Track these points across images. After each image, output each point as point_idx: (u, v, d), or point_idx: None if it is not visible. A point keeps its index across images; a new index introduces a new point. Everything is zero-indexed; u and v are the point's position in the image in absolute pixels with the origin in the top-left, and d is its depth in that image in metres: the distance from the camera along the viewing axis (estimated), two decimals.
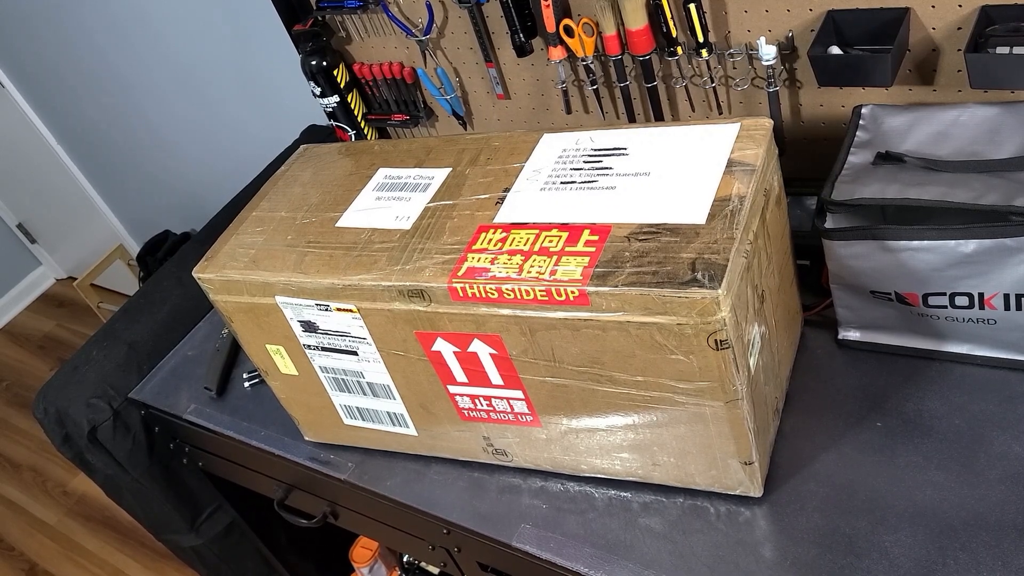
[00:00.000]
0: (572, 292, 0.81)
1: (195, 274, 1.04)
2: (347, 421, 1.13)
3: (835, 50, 1.08)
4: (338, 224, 1.01)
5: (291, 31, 1.56)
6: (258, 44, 1.89)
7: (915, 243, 0.91)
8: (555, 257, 0.85)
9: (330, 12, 1.51)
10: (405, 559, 1.76)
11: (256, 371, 1.27)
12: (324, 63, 1.54)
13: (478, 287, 0.86)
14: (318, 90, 1.57)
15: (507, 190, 0.96)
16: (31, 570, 2.49)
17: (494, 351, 0.91)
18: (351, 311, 0.96)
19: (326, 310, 0.98)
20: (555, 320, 0.84)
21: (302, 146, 1.21)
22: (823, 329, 1.09)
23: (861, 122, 1.04)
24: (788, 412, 1.01)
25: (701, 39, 1.17)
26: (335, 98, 1.58)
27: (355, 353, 1.01)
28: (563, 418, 0.95)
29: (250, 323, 1.05)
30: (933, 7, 1.02)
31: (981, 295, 0.92)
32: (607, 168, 0.94)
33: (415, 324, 0.93)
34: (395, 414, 1.07)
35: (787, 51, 1.15)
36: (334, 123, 1.62)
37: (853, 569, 0.85)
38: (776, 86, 1.17)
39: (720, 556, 0.90)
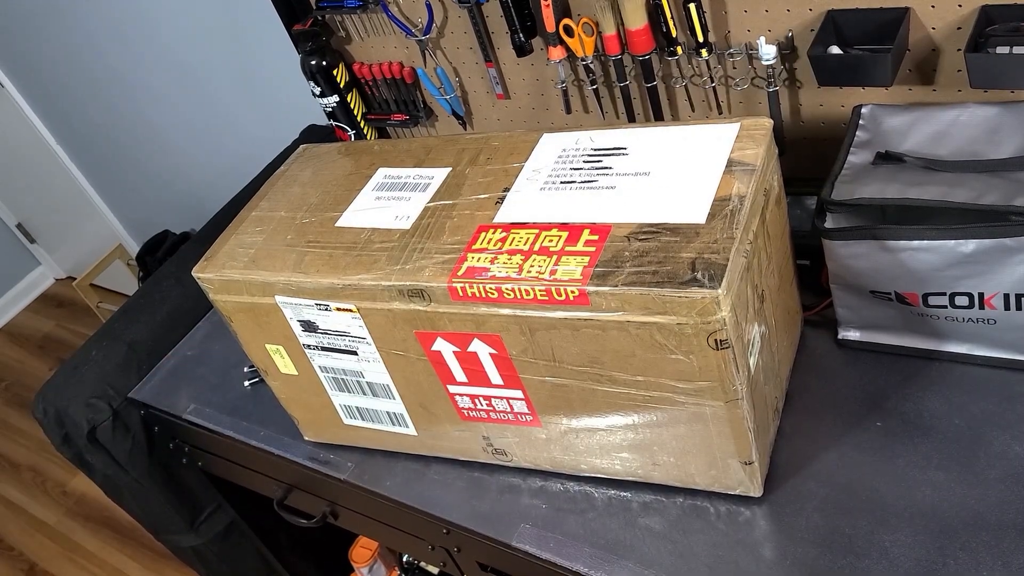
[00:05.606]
0: (572, 292, 0.81)
1: (195, 274, 1.04)
2: (347, 421, 1.13)
3: (835, 50, 1.08)
4: (338, 224, 1.01)
5: (291, 31, 1.56)
6: (258, 44, 1.89)
7: (915, 243, 0.91)
8: (555, 257, 0.84)
9: (330, 12, 1.51)
10: (405, 559, 1.76)
11: (256, 371, 1.27)
12: (324, 63, 1.54)
13: (478, 287, 0.86)
14: (318, 90, 1.57)
15: (507, 190, 0.96)
16: (31, 570, 2.49)
17: (494, 351, 0.91)
18: (351, 311, 0.96)
19: (326, 310, 0.97)
20: (555, 320, 0.84)
21: (302, 146, 1.21)
22: (823, 329, 1.09)
23: (861, 122, 1.04)
24: (788, 412, 1.01)
25: (701, 39, 1.17)
26: (335, 98, 1.58)
27: (355, 353, 1.01)
28: (563, 418, 0.95)
29: (250, 323, 1.05)
30: (933, 7, 1.02)
31: (981, 295, 0.92)
32: (607, 168, 0.94)
33: (415, 324, 0.93)
34: (395, 414, 1.07)
35: (787, 51, 1.15)
36: (334, 123, 1.62)
37: (853, 569, 0.85)
38: (776, 86, 1.17)
39: (720, 556, 0.90)
